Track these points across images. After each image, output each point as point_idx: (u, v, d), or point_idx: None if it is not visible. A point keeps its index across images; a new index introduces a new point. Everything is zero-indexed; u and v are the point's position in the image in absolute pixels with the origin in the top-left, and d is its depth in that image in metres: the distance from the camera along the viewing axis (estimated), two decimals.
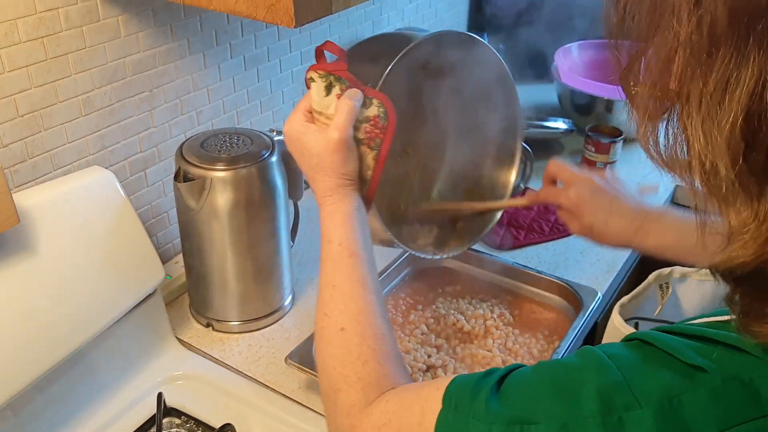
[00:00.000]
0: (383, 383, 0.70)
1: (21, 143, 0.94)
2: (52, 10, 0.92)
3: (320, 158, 0.78)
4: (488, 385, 0.58)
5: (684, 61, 0.45)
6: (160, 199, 1.18)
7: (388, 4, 1.54)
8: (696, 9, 0.43)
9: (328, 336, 0.74)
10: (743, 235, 0.45)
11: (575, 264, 1.26)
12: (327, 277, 0.77)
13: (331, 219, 0.78)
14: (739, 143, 0.43)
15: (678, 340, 0.52)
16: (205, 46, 1.15)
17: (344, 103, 0.77)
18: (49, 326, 0.88)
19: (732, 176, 0.44)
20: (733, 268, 0.46)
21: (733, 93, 0.42)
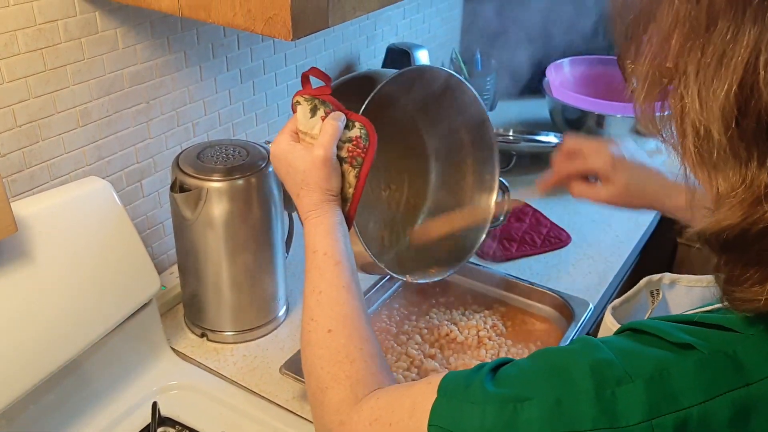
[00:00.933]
0: (370, 381, 0.71)
1: (19, 153, 0.95)
2: (52, 22, 0.93)
3: (305, 174, 0.82)
4: (483, 373, 0.60)
5: (683, 36, 0.48)
6: (156, 209, 1.19)
7: (382, 19, 1.56)
8: None
9: (315, 338, 0.76)
10: (731, 199, 0.48)
11: (567, 276, 1.27)
12: (312, 284, 0.79)
13: (316, 231, 0.81)
14: (733, 110, 0.45)
15: (667, 324, 0.55)
16: (202, 58, 1.16)
17: (329, 123, 0.82)
18: (44, 335, 0.88)
19: (724, 141, 0.46)
20: (721, 230, 0.49)
21: (729, 63, 0.45)
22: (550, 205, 1.49)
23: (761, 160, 0.46)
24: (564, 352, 0.58)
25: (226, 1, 0.78)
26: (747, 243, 0.49)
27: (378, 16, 1.54)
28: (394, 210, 1.21)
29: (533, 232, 1.39)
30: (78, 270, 0.93)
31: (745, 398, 0.50)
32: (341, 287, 0.78)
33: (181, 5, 0.83)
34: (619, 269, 1.30)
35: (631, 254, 1.36)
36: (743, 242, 0.49)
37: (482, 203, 1.16)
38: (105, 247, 0.96)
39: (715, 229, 0.49)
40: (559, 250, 1.35)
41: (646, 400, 0.51)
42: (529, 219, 1.43)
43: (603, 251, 1.35)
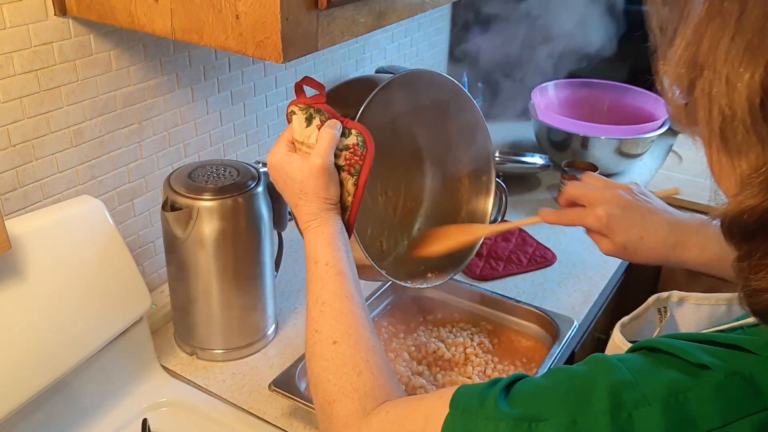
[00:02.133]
0: (379, 393, 0.71)
1: (12, 172, 0.97)
2: (47, 44, 0.95)
3: (303, 184, 0.81)
4: (497, 390, 0.59)
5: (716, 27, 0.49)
6: (147, 228, 1.20)
7: (370, 43, 1.59)
8: None
9: (321, 350, 0.75)
10: (753, 180, 0.49)
11: (552, 294, 1.29)
12: (315, 295, 0.79)
13: (317, 240, 0.81)
14: (758, 91, 0.47)
15: (683, 343, 0.55)
16: (193, 80, 1.19)
17: (325, 131, 0.82)
18: (35, 352, 0.89)
19: (748, 121, 0.48)
20: (741, 212, 0.49)
21: (756, 48, 0.47)
22: (536, 226, 1.51)
23: None
24: (581, 372, 0.57)
25: (219, 25, 0.81)
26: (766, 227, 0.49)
27: (366, 40, 1.57)
28: (392, 215, 1.21)
29: (519, 252, 1.41)
30: (70, 288, 0.94)
31: (764, 422, 0.50)
32: (344, 297, 0.77)
33: (174, 28, 0.85)
34: (603, 288, 1.32)
35: (615, 273, 1.38)
36: (764, 226, 0.49)
37: (479, 205, 1.16)
38: (97, 265, 0.97)
39: (737, 210, 0.49)
40: (545, 269, 1.37)
41: (663, 423, 0.50)
42: (515, 239, 1.45)
43: (588, 270, 1.37)
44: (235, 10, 0.79)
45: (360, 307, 0.77)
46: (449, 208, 1.19)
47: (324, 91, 0.85)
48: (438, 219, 1.19)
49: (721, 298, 0.95)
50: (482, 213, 1.16)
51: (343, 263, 0.79)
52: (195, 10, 0.82)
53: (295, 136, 0.84)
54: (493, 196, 1.16)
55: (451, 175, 1.20)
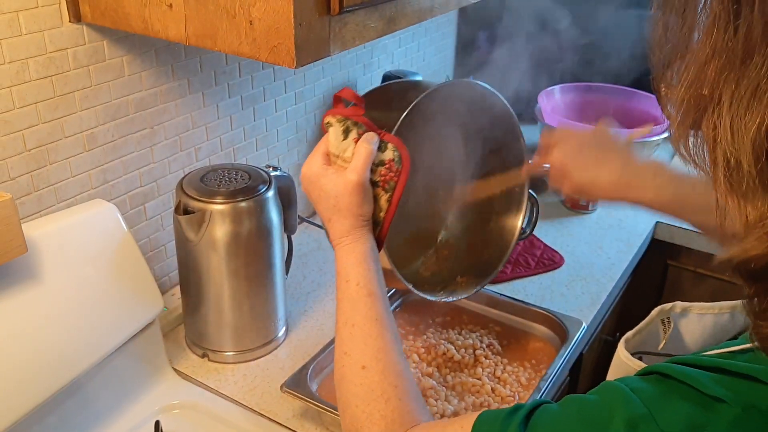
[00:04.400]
0: (406, 420, 0.71)
1: (27, 176, 0.98)
2: (62, 50, 0.96)
3: (338, 200, 0.80)
4: (517, 420, 0.60)
5: (719, 67, 0.48)
6: (158, 232, 1.21)
7: (378, 48, 1.61)
8: (734, 19, 0.47)
9: (350, 375, 0.75)
10: (759, 229, 0.48)
11: (560, 297, 1.30)
12: (345, 315, 0.78)
13: (348, 258, 0.80)
14: (764, 143, 0.46)
15: (695, 371, 0.54)
16: (204, 85, 1.20)
17: (362, 146, 0.80)
18: (49, 354, 0.90)
19: (754, 173, 0.47)
20: (748, 260, 0.49)
21: (762, 97, 0.46)
22: (543, 228, 1.53)
23: None
24: (596, 402, 0.57)
25: (232, 31, 0.82)
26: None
27: (374, 45, 1.59)
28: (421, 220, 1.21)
29: (527, 255, 1.42)
30: (83, 291, 0.95)
31: None
32: (374, 320, 0.77)
33: (188, 34, 0.86)
34: (611, 290, 1.33)
35: (622, 276, 1.39)
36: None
37: (510, 216, 1.15)
38: (110, 268, 0.98)
39: (743, 257, 0.49)
40: (553, 272, 1.38)
41: None
42: (523, 242, 1.46)
43: (595, 273, 1.38)
44: (248, 16, 0.80)
45: (389, 330, 0.77)
46: (478, 217, 1.19)
47: (362, 104, 0.82)
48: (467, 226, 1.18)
49: (725, 307, 0.95)
50: (512, 224, 1.15)
51: (374, 284, 0.79)
52: (209, 16, 0.83)
53: (330, 148, 0.82)
54: (524, 208, 1.14)
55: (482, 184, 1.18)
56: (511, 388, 1.08)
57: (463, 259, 1.17)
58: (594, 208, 1.61)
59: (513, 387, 1.09)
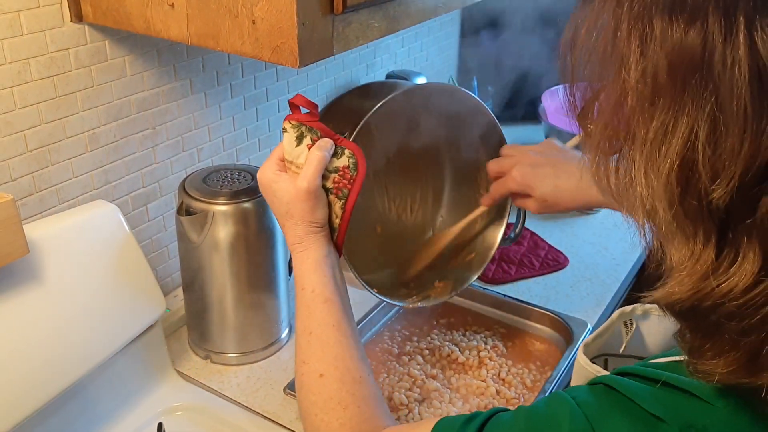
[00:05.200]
0: (365, 427, 0.72)
1: (29, 177, 0.97)
2: (63, 50, 0.96)
3: (289, 206, 0.81)
4: (471, 429, 0.60)
5: (631, 107, 0.48)
6: (161, 233, 1.20)
7: (381, 48, 1.60)
8: (642, 59, 0.46)
9: (308, 383, 0.76)
10: (680, 272, 0.48)
11: (565, 298, 1.29)
12: (303, 324, 0.79)
13: (303, 265, 0.81)
14: (675, 188, 0.46)
15: (639, 386, 0.55)
16: (207, 85, 1.19)
17: (314, 153, 0.80)
18: (51, 356, 0.89)
19: (669, 218, 0.47)
20: (672, 303, 0.49)
21: (670, 141, 0.45)
22: (548, 229, 1.52)
23: (706, 237, 0.46)
24: (544, 416, 0.58)
25: (235, 30, 0.81)
26: (700, 315, 0.49)
27: (377, 45, 1.58)
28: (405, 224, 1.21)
29: (531, 255, 1.41)
30: (85, 292, 0.94)
31: None
32: (331, 326, 0.77)
33: (190, 34, 0.86)
34: (616, 291, 1.32)
35: (627, 276, 1.38)
36: (696, 314, 0.49)
37: (493, 223, 1.17)
38: (112, 269, 0.98)
39: (667, 300, 0.49)
40: (557, 273, 1.37)
41: None
42: (527, 242, 1.46)
43: (600, 273, 1.37)
44: (251, 16, 0.79)
45: (347, 336, 0.77)
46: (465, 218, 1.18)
47: (317, 110, 0.82)
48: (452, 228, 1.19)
49: None
50: (495, 229, 1.16)
51: (329, 290, 0.79)
52: (211, 15, 0.82)
53: (285, 154, 0.82)
54: (507, 215, 1.15)
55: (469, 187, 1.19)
56: (515, 390, 1.08)
57: (445, 263, 1.17)
58: (597, 209, 1.60)
59: (518, 389, 1.08)
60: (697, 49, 0.43)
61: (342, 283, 0.82)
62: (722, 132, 0.43)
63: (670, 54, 0.45)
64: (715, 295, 0.46)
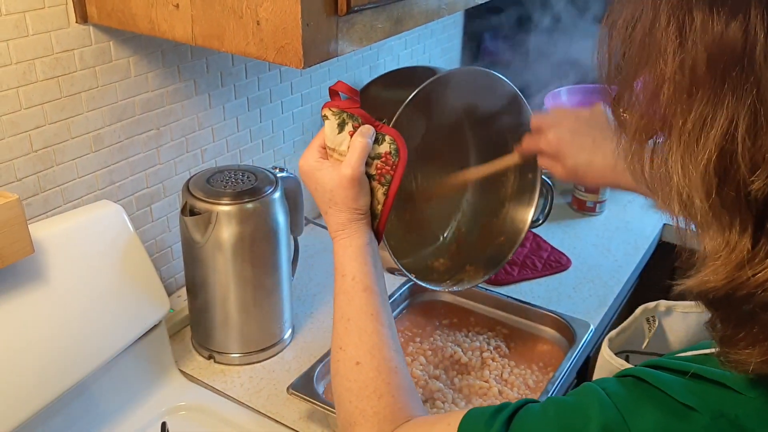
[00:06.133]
0: (398, 416, 0.72)
1: (34, 177, 0.98)
2: (68, 51, 0.96)
3: (333, 194, 0.80)
4: (500, 421, 0.60)
5: (668, 97, 0.48)
6: (165, 233, 1.21)
7: (384, 49, 1.60)
8: (680, 51, 0.47)
9: (344, 370, 0.76)
10: (715, 261, 0.48)
11: (567, 299, 1.29)
12: (341, 310, 0.79)
13: (345, 253, 0.80)
14: (713, 179, 0.46)
15: (669, 377, 0.55)
16: (211, 86, 1.20)
17: (357, 140, 0.79)
18: (55, 355, 0.90)
19: (706, 207, 0.47)
20: (706, 291, 0.49)
21: (709, 132, 0.46)
22: (550, 230, 1.52)
23: (743, 226, 0.47)
24: (575, 408, 0.58)
25: (239, 31, 0.82)
26: (734, 304, 0.49)
27: (380, 46, 1.58)
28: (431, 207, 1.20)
29: (534, 257, 1.41)
30: (90, 291, 0.95)
31: None
32: (370, 315, 0.77)
33: (195, 35, 0.86)
34: (618, 292, 1.32)
35: (630, 278, 1.38)
36: (730, 303, 0.49)
37: (523, 202, 1.14)
38: (116, 269, 0.98)
39: (701, 288, 0.50)
40: (560, 274, 1.37)
41: None
42: (529, 243, 1.46)
43: (602, 275, 1.37)
44: (255, 16, 0.79)
45: (385, 325, 0.77)
46: (491, 203, 1.18)
47: (358, 96, 0.81)
48: (478, 213, 1.18)
49: None
50: (524, 212, 1.14)
51: (370, 278, 0.79)
52: (216, 16, 0.83)
53: (327, 142, 0.82)
54: (537, 197, 1.13)
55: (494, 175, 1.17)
56: (518, 391, 1.08)
57: (474, 247, 1.16)
58: (601, 210, 1.60)
59: (520, 389, 1.08)
60: (739, 42, 0.44)
61: (381, 272, 0.81)
62: (763, 124, 0.44)
63: (710, 46, 0.45)
64: (750, 285, 0.47)
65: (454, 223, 1.21)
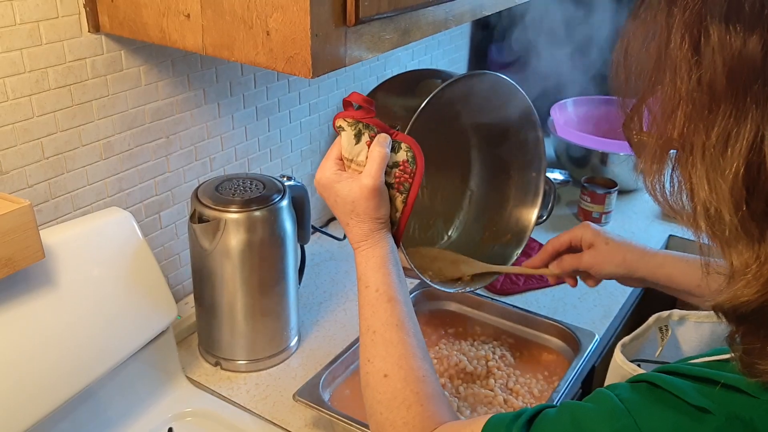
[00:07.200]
0: (427, 424, 0.72)
1: (45, 184, 0.99)
2: (80, 60, 0.97)
3: (354, 205, 0.79)
4: (519, 425, 0.61)
5: (686, 115, 0.49)
6: (173, 241, 1.22)
7: (391, 60, 1.62)
8: (696, 68, 0.47)
9: (373, 382, 0.77)
10: (746, 275, 0.49)
11: (573, 309, 1.30)
12: (367, 322, 0.79)
13: (367, 264, 0.80)
14: (741, 191, 0.47)
15: (683, 382, 0.55)
16: (220, 96, 1.21)
17: (376, 150, 0.79)
18: (64, 360, 0.90)
19: (735, 221, 0.48)
20: (738, 306, 0.49)
21: (734, 146, 0.46)
22: None
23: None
24: (589, 411, 0.59)
25: (249, 41, 0.83)
26: (765, 317, 0.49)
27: (387, 57, 1.60)
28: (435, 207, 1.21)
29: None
30: (99, 298, 0.96)
31: None
32: (395, 326, 0.77)
33: (205, 44, 0.87)
34: (623, 303, 1.33)
35: (635, 289, 1.38)
36: (761, 317, 0.49)
37: (527, 202, 1.17)
38: (125, 275, 0.99)
39: (733, 303, 0.50)
40: (565, 284, 1.37)
41: None
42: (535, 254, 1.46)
43: (608, 286, 1.36)
44: (265, 27, 0.81)
45: (410, 334, 0.78)
46: (495, 202, 1.19)
47: (373, 106, 0.81)
48: (482, 212, 1.18)
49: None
50: (529, 210, 1.16)
51: (393, 288, 0.79)
52: (226, 26, 0.84)
53: (344, 152, 0.81)
54: (542, 194, 1.14)
55: (498, 169, 1.19)
56: (523, 400, 1.08)
57: (481, 246, 1.17)
58: (607, 221, 1.61)
59: (525, 398, 1.08)
60: (759, 56, 0.45)
61: (403, 280, 0.81)
62: None
63: (729, 62, 0.46)
64: None
65: (457, 223, 1.22)
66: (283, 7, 0.78)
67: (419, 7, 0.92)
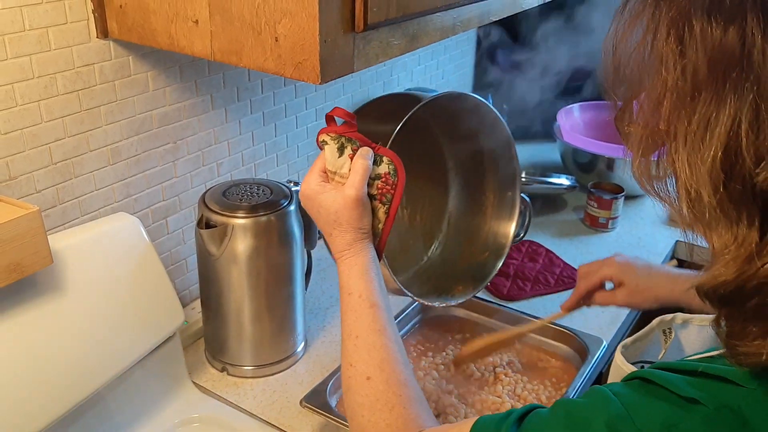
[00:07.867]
0: (410, 426, 0.73)
1: (53, 189, 0.99)
2: (89, 65, 0.98)
3: (338, 215, 0.82)
4: (509, 423, 0.62)
5: (671, 104, 0.52)
6: (180, 246, 1.22)
7: (398, 66, 1.62)
8: (681, 59, 0.50)
9: (355, 385, 0.78)
10: (725, 256, 0.51)
11: (580, 314, 1.29)
12: (349, 328, 0.80)
13: (350, 272, 0.82)
14: (719, 174, 0.49)
15: (674, 376, 0.57)
16: (227, 101, 1.21)
17: (358, 162, 0.82)
18: (71, 366, 0.90)
19: (714, 203, 0.50)
20: (717, 286, 0.52)
21: (713, 131, 0.49)
22: (563, 246, 1.52)
23: (750, 219, 0.50)
24: (582, 406, 0.60)
25: (258, 47, 0.83)
26: (744, 298, 0.51)
27: (394, 63, 1.60)
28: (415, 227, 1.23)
29: (546, 272, 1.41)
30: (106, 303, 0.96)
31: None
32: (377, 331, 0.79)
33: (214, 50, 0.88)
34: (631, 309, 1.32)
35: None
36: (740, 297, 0.51)
37: (503, 220, 1.21)
38: (132, 281, 0.99)
39: (712, 284, 0.52)
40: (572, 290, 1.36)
41: None
42: (542, 259, 1.46)
43: None
44: (274, 33, 0.81)
45: (392, 340, 0.80)
46: (473, 221, 1.22)
47: (355, 121, 0.85)
48: (461, 232, 1.21)
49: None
50: (505, 228, 1.20)
51: (376, 295, 0.81)
52: (234, 32, 0.84)
53: (327, 165, 0.85)
54: (518, 213, 1.19)
55: (474, 189, 1.22)
56: None
57: (459, 265, 1.20)
58: (614, 227, 1.60)
59: None
60: (737, 45, 0.48)
61: (384, 288, 0.83)
62: (765, 119, 0.48)
63: (710, 52, 0.49)
64: (759, 276, 0.50)
65: (437, 243, 1.25)
66: (292, 13, 0.78)
67: (427, 12, 0.92)
